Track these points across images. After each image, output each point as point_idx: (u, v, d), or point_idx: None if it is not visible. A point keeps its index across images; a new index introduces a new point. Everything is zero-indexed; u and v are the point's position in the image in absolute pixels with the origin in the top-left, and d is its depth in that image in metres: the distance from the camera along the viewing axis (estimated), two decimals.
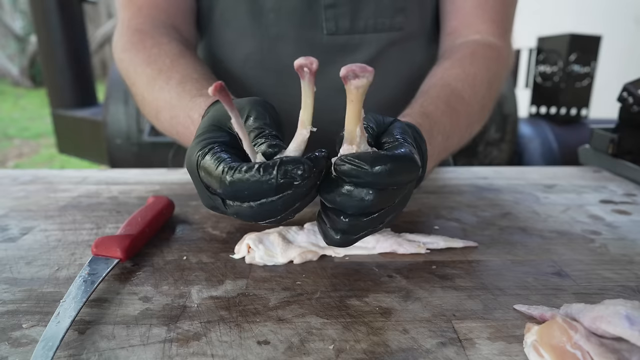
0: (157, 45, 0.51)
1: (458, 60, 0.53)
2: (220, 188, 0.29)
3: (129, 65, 0.52)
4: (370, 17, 0.54)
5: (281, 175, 0.27)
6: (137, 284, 0.37)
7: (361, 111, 0.29)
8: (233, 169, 0.28)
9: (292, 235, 0.43)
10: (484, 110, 0.53)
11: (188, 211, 0.53)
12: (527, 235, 0.47)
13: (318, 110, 0.48)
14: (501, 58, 0.55)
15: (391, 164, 0.28)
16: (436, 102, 0.46)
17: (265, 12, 0.55)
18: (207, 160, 0.30)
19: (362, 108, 0.28)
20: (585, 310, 0.29)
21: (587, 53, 1.79)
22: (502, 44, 0.56)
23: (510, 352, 0.29)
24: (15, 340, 0.30)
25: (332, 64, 0.55)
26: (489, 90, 0.52)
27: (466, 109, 0.49)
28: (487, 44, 0.55)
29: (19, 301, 0.35)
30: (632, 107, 0.67)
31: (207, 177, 0.30)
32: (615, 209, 0.55)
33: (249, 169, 0.27)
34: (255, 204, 0.29)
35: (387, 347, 0.30)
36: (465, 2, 0.56)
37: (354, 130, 0.29)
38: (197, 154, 0.31)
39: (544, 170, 0.71)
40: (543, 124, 1.85)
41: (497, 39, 0.56)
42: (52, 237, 0.46)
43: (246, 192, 0.28)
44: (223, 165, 0.29)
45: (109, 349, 0.29)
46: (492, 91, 0.53)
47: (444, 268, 0.40)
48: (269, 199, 0.28)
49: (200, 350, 0.29)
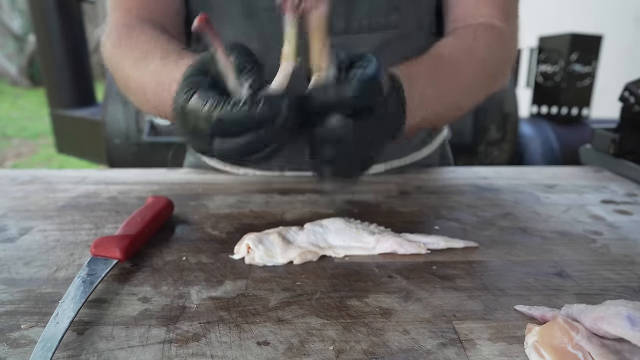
0: (143, 33, 0.52)
1: (458, 34, 0.53)
2: (209, 125, 0.30)
3: (118, 60, 0.52)
4: (364, 16, 0.54)
5: (267, 108, 0.29)
6: (136, 285, 0.37)
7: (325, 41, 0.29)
8: (220, 104, 0.29)
9: (292, 236, 0.43)
10: (478, 86, 0.51)
11: (187, 211, 0.53)
12: (527, 236, 0.47)
13: None
14: (503, 39, 0.55)
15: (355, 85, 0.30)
16: (422, 61, 0.45)
17: (259, 12, 0.55)
18: (194, 100, 0.31)
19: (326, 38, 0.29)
20: (587, 311, 0.29)
21: (588, 52, 1.79)
22: (506, 27, 0.55)
23: (511, 352, 0.29)
24: (13, 341, 0.30)
25: None
26: (485, 67, 0.51)
27: (456, 75, 0.48)
28: (490, 26, 0.55)
29: (17, 302, 0.35)
30: (634, 106, 0.67)
31: (195, 116, 0.30)
32: (617, 209, 0.55)
33: (235, 103, 0.29)
34: (241, 139, 0.30)
35: (388, 347, 0.30)
36: None
37: (319, 60, 0.31)
38: (184, 96, 0.31)
39: (544, 170, 0.71)
40: (544, 124, 1.85)
41: (501, 22, 0.55)
42: (50, 238, 0.46)
43: (233, 128, 0.29)
44: (210, 102, 0.30)
45: (108, 350, 0.29)
46: (489, 69, 0.52)
47: (444, 268, 0.40)
48: (254, 133, 0.30)
49: (200, 350, 0.29)
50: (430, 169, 0.71)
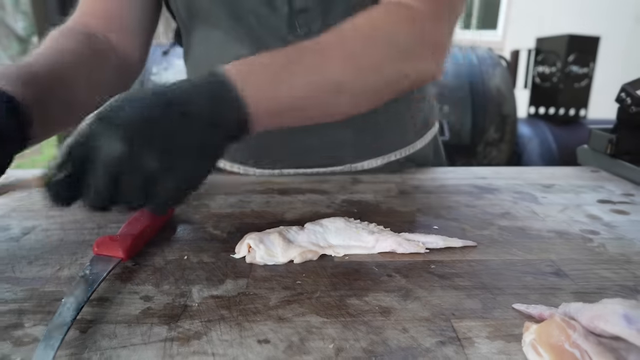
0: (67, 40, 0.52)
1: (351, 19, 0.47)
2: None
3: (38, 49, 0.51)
4: (339, 16, 0.51)
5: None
6: (139, 284, 0.37)
7: None
8: None
9: (292, 235, 0.43)
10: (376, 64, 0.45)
11: (189, 211, 0.53)
12: (525, 235, 0.47)
13: None
14: (415, 19, 0.48)
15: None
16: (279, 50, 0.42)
17: (246, 14, 0.55)
18: None
19: None
20: (583, 309, 0.29)
21: (585, 54, 1.79)
22: (425, 9, 0.48)
23: (509, 351, 0.30)
24: (17, 339, 0.30)
25: None
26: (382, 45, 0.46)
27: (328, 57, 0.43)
28: (403, 4, 0.48)
29: (21, 300, 0.35)
30: (630, 107, 0.67)
31: None
32: (614, 209, 0.55)
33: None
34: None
35: (387, 346, 0.30)
36: None
37: None
38: None
39: (542, 170, 0.71)
40: (542, 125, 1.86)
41: (420, 3, 0.49)
42: (53, 237, 0.46)
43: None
44: None
45: (110, 348, 0.30)
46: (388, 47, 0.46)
47: (443, 267, 0.40)
48: None
49: (201, 349, 0.29)
50: (429, 169, 0.71)
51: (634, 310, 0.28)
